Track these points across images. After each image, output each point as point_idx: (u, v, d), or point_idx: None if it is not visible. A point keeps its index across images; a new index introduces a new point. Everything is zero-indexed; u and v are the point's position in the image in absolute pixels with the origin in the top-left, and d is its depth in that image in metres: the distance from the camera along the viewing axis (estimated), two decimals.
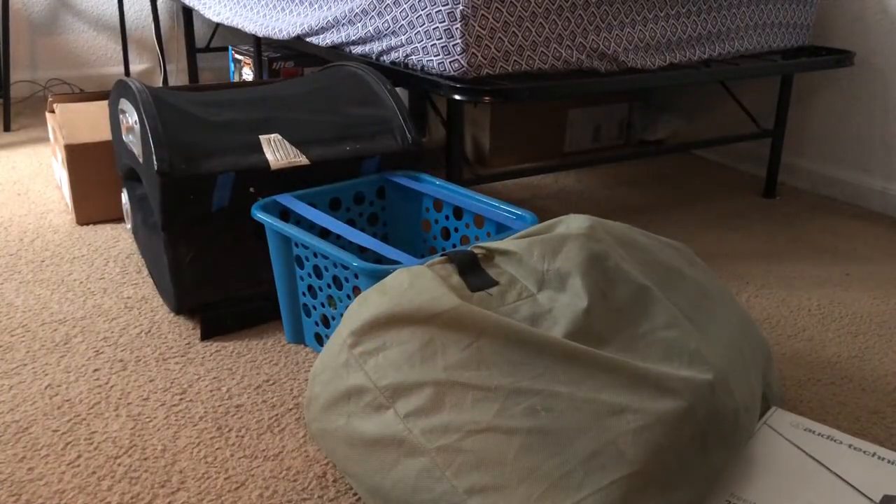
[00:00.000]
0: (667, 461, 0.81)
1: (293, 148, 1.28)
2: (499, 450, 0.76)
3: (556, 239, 0.97)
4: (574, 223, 1.00)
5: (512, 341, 0.84)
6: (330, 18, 1.67)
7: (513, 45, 1.42)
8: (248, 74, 2.42)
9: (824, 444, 0.93)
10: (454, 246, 1.32)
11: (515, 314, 0.89)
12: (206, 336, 1.24)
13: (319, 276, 1.13)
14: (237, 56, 2.49)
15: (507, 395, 0.80)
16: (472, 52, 1.38)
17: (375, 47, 1.57)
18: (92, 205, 1.68)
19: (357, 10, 1.58)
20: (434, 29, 1.40)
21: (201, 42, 2.96)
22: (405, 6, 1.46)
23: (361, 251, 1.33)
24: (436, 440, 0.77)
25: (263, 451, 0.98)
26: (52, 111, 1.80)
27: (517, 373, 0.82)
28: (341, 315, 1.12)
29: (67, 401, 1.08)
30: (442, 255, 0.95)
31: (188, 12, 2.80)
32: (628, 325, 0.91)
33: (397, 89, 1.46)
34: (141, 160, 1.28)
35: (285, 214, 1.23)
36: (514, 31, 1.42)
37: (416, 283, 0.88)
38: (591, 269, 0.93)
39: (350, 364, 0.85)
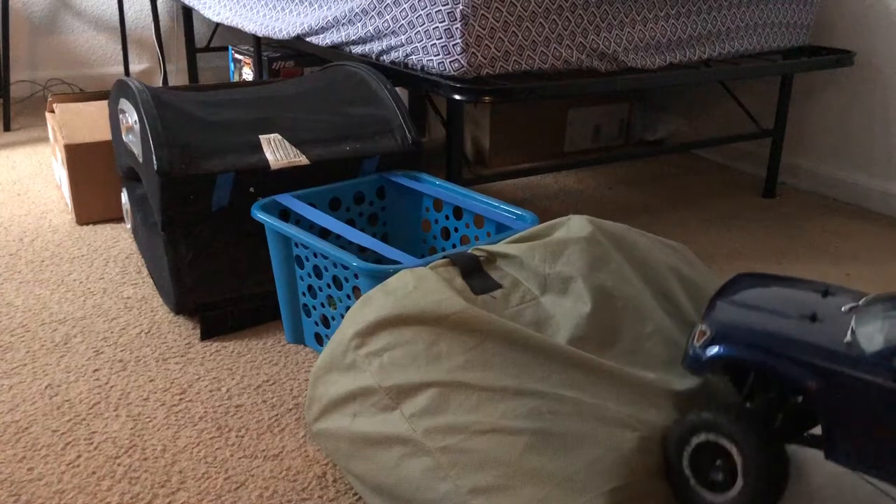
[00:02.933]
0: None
1: (293, 148, 1.28)
2: (503, 450, 0.76)
3: (556, 243, 0.97)
4: (574, 226, 1.00)
5: (518, 345, 0.84)
6: (330, 18, 1.67)
7: (513, 45, 1.42)
8: (248, 74, 2.42)
9: None
10: (454, 246, 1.32)
11: (520, 318, 0.89)
12: (206, 336, 1.24)
13: (319, 276, 1.13)
14: (237, 56, 2.49)
15: (513, 397, 0.80)
16: (472, 52, 1.38)
17: (375, 47, 1.57)
18: (92, 205, 1.68)
19: (357, 10, 1.58)
20: (434, 29, 1.40)
21: (201, 42, 2.96)
22: (405, 6, 1.46)
23: (361, 251, 1.33)
24: (440, 440, 0.77)
25: (263, 451, 0.98)
26: (52, 111, 1.80)
27: (522, 374, 0.82)
28: (341, 315, 1.12)
29: (67, 401, 1.08)
30: (444, 258, 0.94)
31: (188, 12, 2.80)
32: (630, 328, 0.91)
33: (397, 89, 1.46)
34: (141, 160, 1.28)
35: (285, 214, 1.23)
36: (514, 31, 1.42)
37: (421, 285, 0.88)
38: (593, 273, 0.93)
39: (355, 365, 0.85)
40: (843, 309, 0.77)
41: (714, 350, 0.77)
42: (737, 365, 0.79)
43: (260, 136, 1.28)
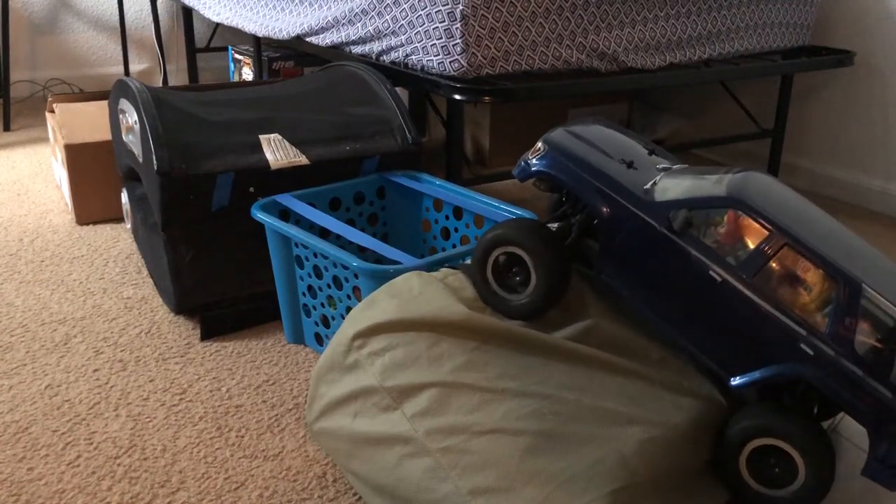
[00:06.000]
0: (671, 472, 0.81)
1: (293, 148, 1.28)
2: (504, 451, 0.76)
3: None
4: None
5: (520, 345, 0.84)
6: (330, 18, 1.67)
7: (513, 45, 1.42)
8: (248, 74, 2.42)
9: None
10: (454, 246, 1.32)
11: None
12: (206, 336, 1.24)
13: (319, 276, 1.13)
14: (237, 56, 2.49)
15: (514, 398, 0.80)
16: (472, 52, 1.38)
17: (375, 47, 1.57)
18: (92, 205, 1.68)
19: (357, 10, 1.58)
20: (434, 29, 1.40)
21: (201, 42, 2.96)
22: (405, 6, 1.46)
23: (361, 251, 1.33)
24: (441, 441, 0.77)
25: (263, 451, 0.98)
26: (52, 111, 1.80)
27: (524, 375, 0.82)
28: (341, 315, 1.12)
29: (67, 401, 1.08)
30: (453, 268, 0.95)
31: (188, 12, 2.80)
32: (637, 335, 0.91)
33: (397, 89, 1.46)
34: (141, 160, 1.28)
35: (285, 214, 1.23)
36: (514, 31, 1.42)
37: (425, 290, 0.88)
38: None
39: (357, 364, 0.85)
40: (658, 167, 0.89)
41: (539, 164, 0.90)
42: (553, 181, 0.91)
43: (260, 136, 1.28)
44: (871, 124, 1.94)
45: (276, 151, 1.27)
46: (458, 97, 1.39)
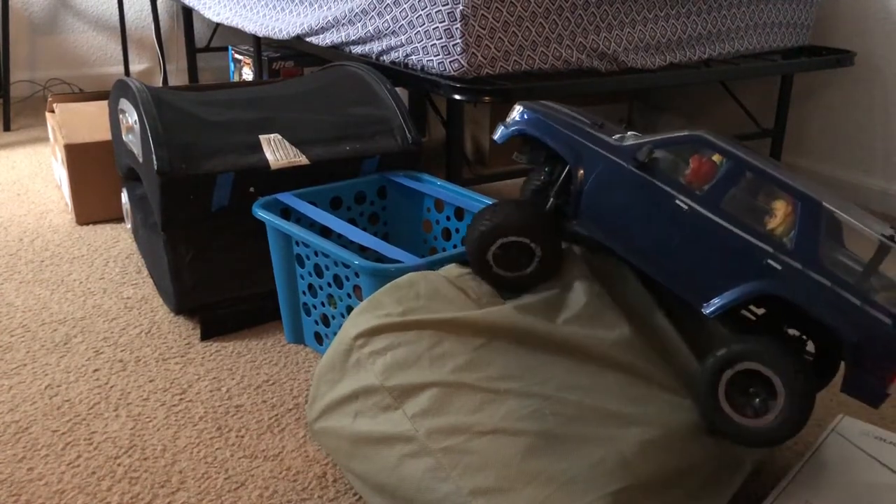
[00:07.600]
0: (672, 473, 0.81)
1: (293, 148, 1.28)
2: (505, 452, 0.76)
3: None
4: None
5: (524, 342, 0.84)
6: (330, 18, 1.67)
7: (513, 45, 1.42)
8: (248, 74, 2.42)
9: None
10: (455, 247, 1.32)
11: (534, 296, 0.89)
12: (206, 336, 1.24)
13: (320, 274, 1.13)
14: (237, 56, 2.49)
15: (515, 398, 0.80)
16: (472, 52, 1.38)
17: (375, 47, 1.57)
18: (92, 205, 1.68)
19: (357, 10, 1.58)
20: (434, 29, 1.40)
21: (201, 42, 2.96)
22: (405, 6, 1.46)
23: (362, 251, 1.33)
24: (442, 441, 0.77)
25: (263, 451, 0.98)
26: (52, 111, 1.80)
27: (526, 376, 0.82)
28: (341, 314, 1.12)
29: (67, 401, 1.08)
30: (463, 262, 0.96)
31: (188, 12, 2.80)
32: (644, 337, 0.92)
33: (397, 89, 1.46)
34: (141, 160, 1.28)
35: (286, 213, 1.23)
36: (513, 31, 1.42)
37: (428, 289, 0.88)
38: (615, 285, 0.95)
39: (358, 363, 0.85)
40: (626, 132, 0.95)
41: (516, 124, 0.96)
42: (530, 137, 0.96)
43: (260, 136, 1.28)
44: (871, 124, 1.94)
45: (276, 151, 1.27)
46: (458, 97, 1.39)
